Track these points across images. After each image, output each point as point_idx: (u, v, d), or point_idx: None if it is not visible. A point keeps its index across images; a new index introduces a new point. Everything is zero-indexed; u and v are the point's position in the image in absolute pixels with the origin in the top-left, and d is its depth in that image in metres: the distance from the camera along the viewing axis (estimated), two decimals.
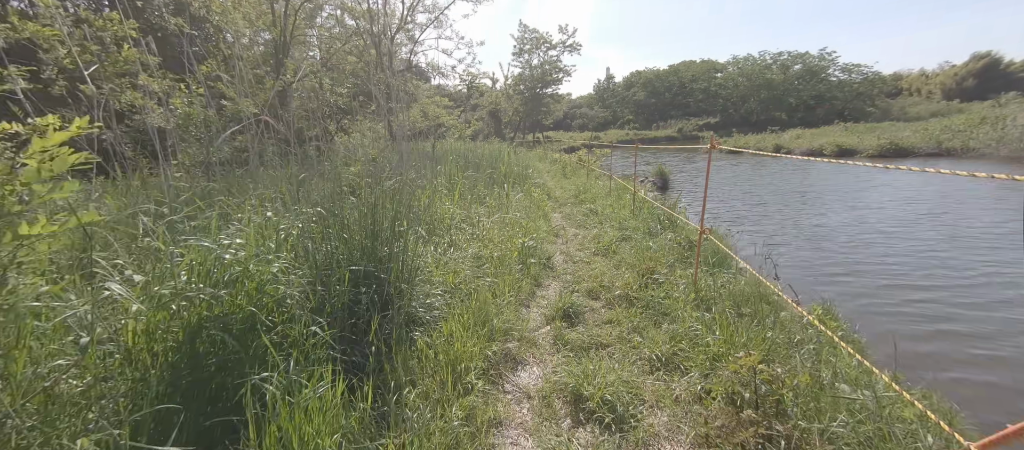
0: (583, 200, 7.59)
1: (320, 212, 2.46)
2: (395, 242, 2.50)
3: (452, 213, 4.10)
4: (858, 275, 5.30)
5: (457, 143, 16.90)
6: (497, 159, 8.43)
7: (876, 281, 5.13)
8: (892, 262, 5.85)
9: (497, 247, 3.88)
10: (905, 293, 4.73)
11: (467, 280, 3.08)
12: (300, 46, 16.35)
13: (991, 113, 21.35)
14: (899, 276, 5.25)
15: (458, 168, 6.67)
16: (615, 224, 5.32)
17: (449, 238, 3.79)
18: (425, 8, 14.94)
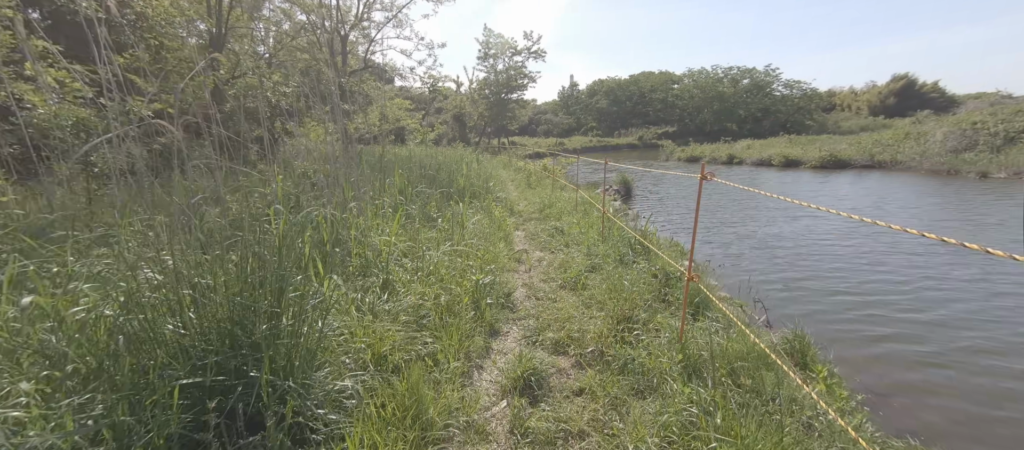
0: (548, 215, 7.00)
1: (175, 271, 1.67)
2: (284, 314, 1.73)
3: (392, 245, 3.34)
4: (815, 288, 5.32)
5: (417, 148, 15.92)
6: (456, 169, 7.68)
7: (827, 288, 5.30)
8: (839, 272, 5.95)
9: (446, 287, 3.17)
10: (860, 307, 4.76)
11: (400, 344, 2.34)
12: (242, 40, 14.81)
13: (913, 129, 23.11)
14: (851, 286, 5.38)
15: (409, 181, 5.87)
16: (583, 249, 4.74)
17: (385, 277, 3.03)
18: (383, 6, 13.93)
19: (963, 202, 12.12)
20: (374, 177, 5.56)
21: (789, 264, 6.37)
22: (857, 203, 12.65)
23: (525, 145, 40.30)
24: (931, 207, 11.85)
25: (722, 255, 7.08)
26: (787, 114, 43.40)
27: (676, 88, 49.75)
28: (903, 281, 5.49)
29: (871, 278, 5.62)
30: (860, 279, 5.57)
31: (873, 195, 13.97)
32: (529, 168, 13.09)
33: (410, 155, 12.23)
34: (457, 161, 11.01)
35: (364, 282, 2.97)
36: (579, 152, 39.29)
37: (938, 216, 10.54)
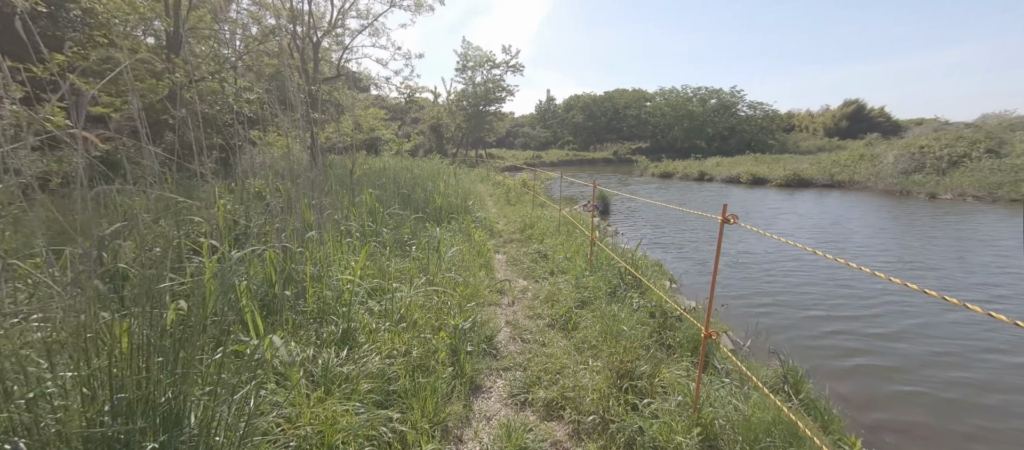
0: (531, 236, 6.60)
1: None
2: (190, 413, 1.22)
3: (357, 283, 2.82)
4: (789, 306, 5.53)
5: (392, 160, 15.27)
6: (433, 186, 7.17)
7: (801, 302, 5.59)
8: (809, 290, 6.16)
9: (420, 336, 2.68)
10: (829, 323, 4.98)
11: (358, 428, 1.83)
12: (206, 42, 13.85)
13: (867, 151, 24.43)
14: (820, 303, 5.65)
15: (382, 201, 5.33)
16: (571, 278, 4.35)
17: (346, 326, 2.51)
18: (358, 13, 13.34)
19: (915, 222, 12.76)
20: (342, 195, 5.00)
21: (762, 282, 6.50)
22: (820, 221, 13.09)
23: (503, 157, 40.10)
24: (888, 225, 12.40)
25: (697, 271, 7.18)
26: (751, 133, 45.30)
27: (648, 106, 51.11)
28: (867, 298, 5.78)
29: (840, 297, 5.83)
30: (830, 300, 5.75)
31: (834, 213, 14.49)
32: (508, 183, 12.73)
33: (384, 168, 11.61)
34: (434, 175, 10.49)
35: (320, 332, 2.43)
36: (556, 165, 39.38)
37: (895, 234, 10.99)
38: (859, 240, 10.21)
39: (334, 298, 2.64)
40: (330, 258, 3.03)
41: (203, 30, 13.01)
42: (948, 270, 7.59)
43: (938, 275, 7.32)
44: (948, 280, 7.00)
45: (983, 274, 7.25)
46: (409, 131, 35.76)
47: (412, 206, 5.89)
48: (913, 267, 7.88)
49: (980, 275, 7.20)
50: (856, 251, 9.27)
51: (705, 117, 46.86)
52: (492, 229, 6.96)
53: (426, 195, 6.34)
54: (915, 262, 8.31)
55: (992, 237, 10.32)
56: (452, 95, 33.49)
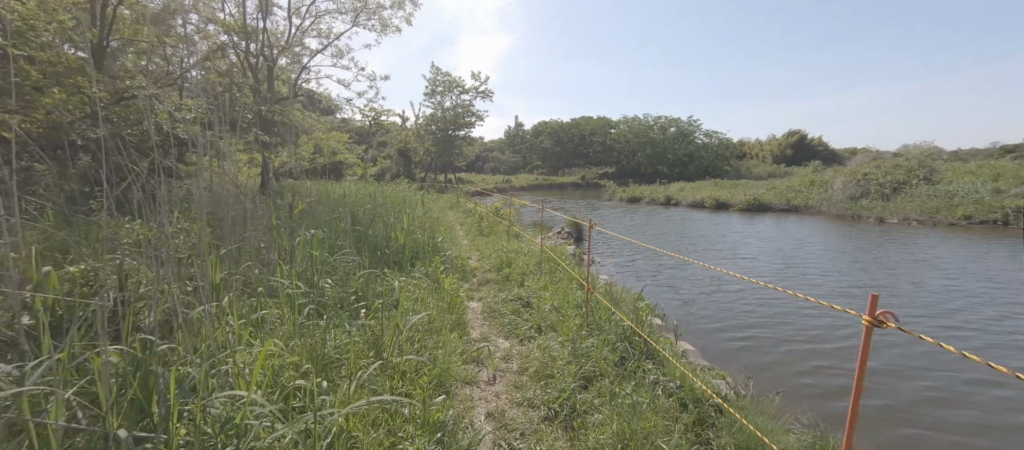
0: (509, 277, 5.72)
1: None
2: None
3: (252, 404, 1.81)
4: (766, 337, 5.53)
5: (356, 185, 14.05)
6: (396, 220, 6.15)
7: (778, 337, 5.52)
8: (781, 318, 6.16)
9: None
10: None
11: None
12: (144, 57, 12.32)
13: (816, 178, 25.74)
14: (796, 334, 5.65)
15: (330, 241, 4.28)
16: (564, 339, 3.49)
17: None
18: (318, 33, 12.34)
19: (871, 246, 13.15)
20: (279, 237, 3.93)
21: (736, 311, 6.55)
22: (783, 244, 13.20)
23: (473, 182, 39.35)
24: (847, 249, 12.78)
25: (674, 300, 7.19)
26: (709, 159, 47.35)
27: (613, 132, 52.56)
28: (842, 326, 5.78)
29: (813, 325, 5.87)
30: (801, 325, 5.82)
31: (795, 237, 14.80)
32: (480, 211, 11.86)
33: (344, 195, 10.44)
34: (399, 204, 9.45)
35: None
36: (526, 190, 38.89)
37: (856, 258, 11.12)
38: (824, 265, 10.39)
39: (217, 430, 1.62)
40: (227, 347, 2.00)
41: (137, 43, 11.54)
42: (912, 295, 7.77)
43: (904, 301, 7.44)
44: (913, 306, 7.04)
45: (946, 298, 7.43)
46: (376, 155, 34.37)
47: (369, 245, 4.87)
48: (885, 294, 7.76)
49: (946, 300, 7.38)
50: (826, 277, 9.20)
51: (666, 144, 48.64)
52: (465, 268, 6.01)
53: (387, 230, 5.34)
54: (885, 288, 8.23)
55: (939, 258, 10.68)
56: (420, 119, 32.66)
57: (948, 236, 14.87)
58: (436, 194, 21.73)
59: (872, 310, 1.21)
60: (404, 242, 5.02)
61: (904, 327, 1.25)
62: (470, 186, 36.90)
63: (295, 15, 12.16)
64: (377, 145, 37.29)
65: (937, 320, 6.31)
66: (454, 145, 32.19)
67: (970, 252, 11.72)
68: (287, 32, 12.69)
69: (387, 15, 11.58)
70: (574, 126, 54.00)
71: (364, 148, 37.89)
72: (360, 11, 11.38)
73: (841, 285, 8.59)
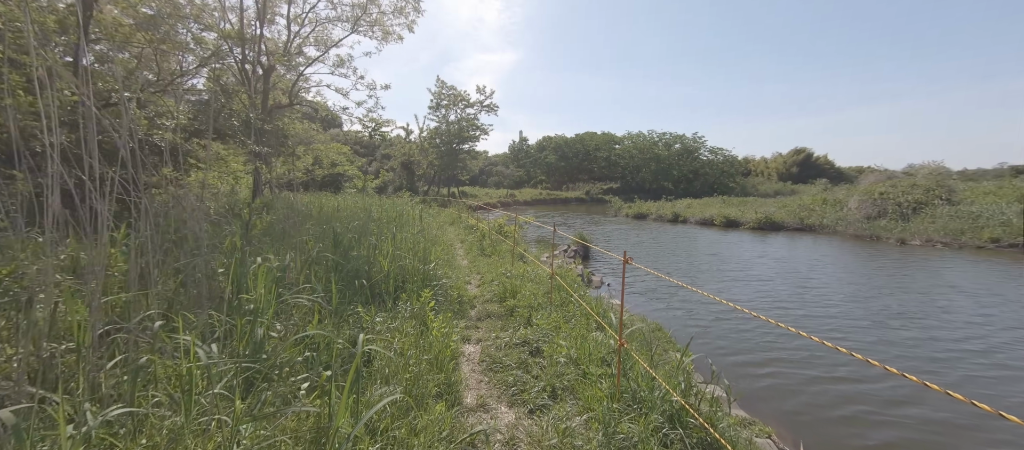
0: (513, 310, 4.82)
1: None
2: None
3: None
4: (790, 371, 5.18)
5: (352, 199, 13.27)
6: (385, 237, 5.30)
7: (805, 376, 5.07)
8: (804, 351, 5.74)
9: None
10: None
11: None
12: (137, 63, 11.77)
13: (830, 196, 24.76)
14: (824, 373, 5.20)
15: (310, 267, 3.41)
16: (589, 411, 2.58)
17: None
18: (317, 41, 11.73)
19: (895, 267, 12.21)
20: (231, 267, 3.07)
21: (756, 340, 6.25)
22: (799, 265, 12.37)
23: (476, 196, 38.66)
24: (870, 272, 11.90)
25: (691, 323, 6.98)
26: (714, 176, 46.51)
27: (618, 148, 51.96)
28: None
29: (841, 360, 5.39)
30: (830, 361, 5.36)
31: (812, 258, 13.90)
32: (482, 227, 11.01)
33: (337, 209, 9.64)
34: (394, 220, 8.63)
35: None
36: (530, 204, 38.11)
37: (880, 283, 10.19)
38: (848, 290, 9.54)
39: None
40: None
41: (134, 47, 10.96)
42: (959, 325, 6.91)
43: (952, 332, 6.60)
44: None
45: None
46: (378, 167, 33.83)
47: (347, 274, 4.00)
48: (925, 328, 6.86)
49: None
50: (854, 304, 8.34)
51: (671, 160, 47.94)
52: (462, 297, 5.12)
53: (371, 254, 4.48)
54: (923, 319, 7.37)
55: (981, 288, 9.64)
56: (425, 132, 32.16)
57: (976, 259, 13.86)
58: (437, 208, 20.95)
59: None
60: (389, 270, 4.16)
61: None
62: (474, 200, 36.20)
63: (294, 22, 11.60)
64: (381, 157, 36.81)
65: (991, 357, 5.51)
66: (458, 159, 31.58)
67: (1008, 277, 10.71)
68: (286, 40, 12.11)
69: (388, 22, 10.97)
70: (578, 141, 53.50)
71: (368, 160, 37.42)
72: (359, 19, 10.78)
73: (872, 313, 7.70)
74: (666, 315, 7.52)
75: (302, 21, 11.49)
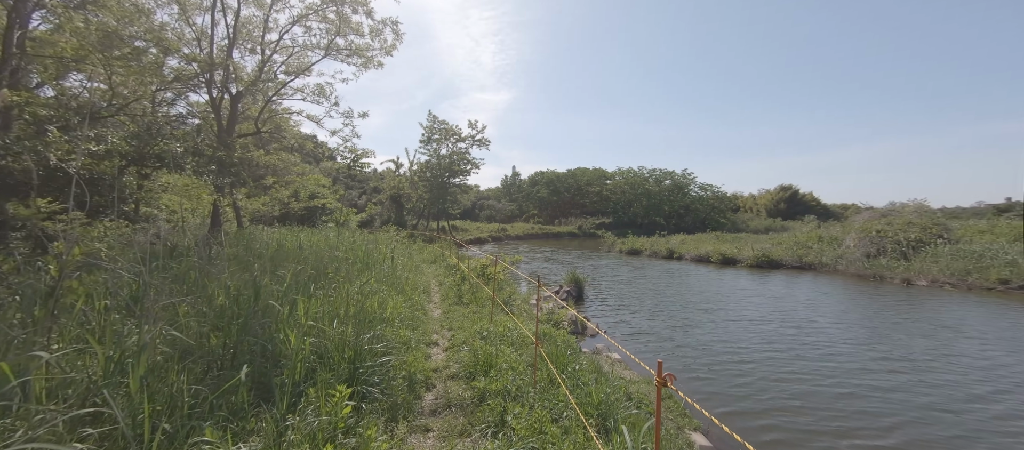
0: (484, 397, 3.47)
1: None
2: None
3: None
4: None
5: (320, 235, 11.93)
6: (290, 304, 3.96)
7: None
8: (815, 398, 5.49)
9: None
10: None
11: None
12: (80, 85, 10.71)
13: (825, 233, 24.01)
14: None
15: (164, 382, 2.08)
16: None
17: None
18: (289, 68, 10.78)
19: (910, 310, 11.16)
20: None
21: (763, 384, 6.00)
22: (812, 312, 11.11)
23: (467, 229, 37.43)
24: (888, 316, 10.84)
25: (702, 365, 6.78)
26: (704, 212, 46.13)
27: (609, 183, 51.73)
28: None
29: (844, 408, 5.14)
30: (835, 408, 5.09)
31: (821, 301, 12.80)
32: (463, 268, 9.68)
33: (299, 248, 8.29)
34: (364, 256, 7.30)
35: None
36: (522, 238, 36.78)
37: (907, 330, 8.96)
38: (889, 346, 8.24)
39: None
40: None
41: (89, 65, 9.85)
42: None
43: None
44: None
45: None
46: (366, 200, 32.66)
47: (222, 359, 2.65)
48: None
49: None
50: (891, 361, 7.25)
51: (662, 196, 47.64)
52: (413, 376, 3.74)
53: (279, 323, 3.14)
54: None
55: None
56: (415, 166, 31.33)
57: (984, 300, 12.82)
58: (422, 244, 19.59)
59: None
60: (298, 348, 2.81)
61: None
62: (465, 234, 34.89)
63: (267, 47, 10.71)
64: (371, 190, 35.72)
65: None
66: (448, 192, 30.61)
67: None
68: (258, 66, 11.19)
69: (364, 45, 10.11)
70: (570, 176, 53.28)
71: (359, 193, 36.28)
72: (331, 43, 9.92)
73: (908, 372, 6.56)
74: (670, 364, 6.88)
75: (275, 46, 10.61)
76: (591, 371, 4.69)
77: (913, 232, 19.88)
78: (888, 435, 4.60)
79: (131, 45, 10.07)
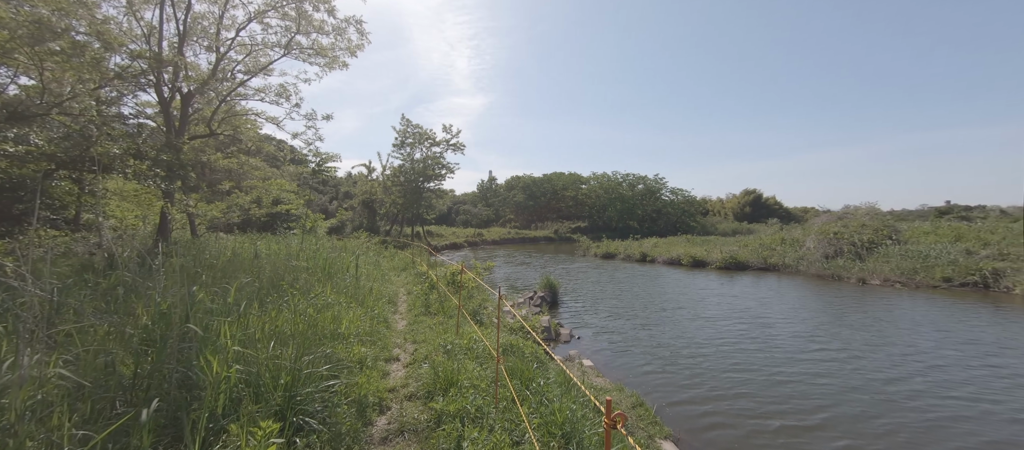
0: (441, 418, 3.21)
1: None
2: None
3: None
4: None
5: (280, 243, 11.29)
6: (212, 327, 3.59)
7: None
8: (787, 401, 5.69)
9: None
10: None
11: None
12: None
13: (788, 236, 25.05)
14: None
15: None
16: None
17: None
18: (246, 68, 10.13)
19: (867, 308, 11.74)
20: None
21: (710, 374, 6.49)
22: (787, 312, 11.38)
23: (443, 235, 36.83)
24: (852, 318, 11.22)
25: (659, 359, 7.13)
26: (676, 215, 47.40)
27: (584, 188, 52.38)
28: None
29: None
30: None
31: (785, 300, 13.31)
32: (433, 276, 9.35)
33: (255, 256, 7.75)
34: (322, 269, 6.86)
35: None
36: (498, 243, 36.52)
37: (878, 329, 9.34)
38: (849, 335, 8.90)
39: None
40: None
41: (15, 60, 8.99)
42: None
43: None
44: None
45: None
46: (337, 206, 31.56)
47: (131, 390, 2.29)
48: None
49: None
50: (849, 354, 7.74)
51: (635, 200, 48.64)
52: (364, 400, 3.44)
53: (204, 346, 2.77)
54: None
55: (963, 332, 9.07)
56: (387, 170, 30.57)
57: (933, 297, 13.66)
58: (394, 250, 19.01)
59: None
60: (223, 377, 2.47)
61: None
62: (440, 239, 34.27)
63: (221, 45, 10.07)
64: (342, 195, 34.56)
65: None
66: (423, 197, 30.00)
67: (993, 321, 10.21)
68: (213, 64, 10.50)
69: (326, 43, 9.67)
70: (546, 181, 53.59)
71: (329, 199, 35.00)
72: (290, 45, 9.43)
73: (879, 369, 6.93)
74: (636, 364, 7.09)
75: (231, 44, 9.98)
76: (559, 383, 4.52)
77: (866, 234, 21.01)
78: (813, 415, 5.22)
79: (69, 38, 9.24)
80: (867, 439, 4.70)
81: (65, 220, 11.04)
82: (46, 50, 8.98)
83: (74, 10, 9.28)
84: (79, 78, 9.46)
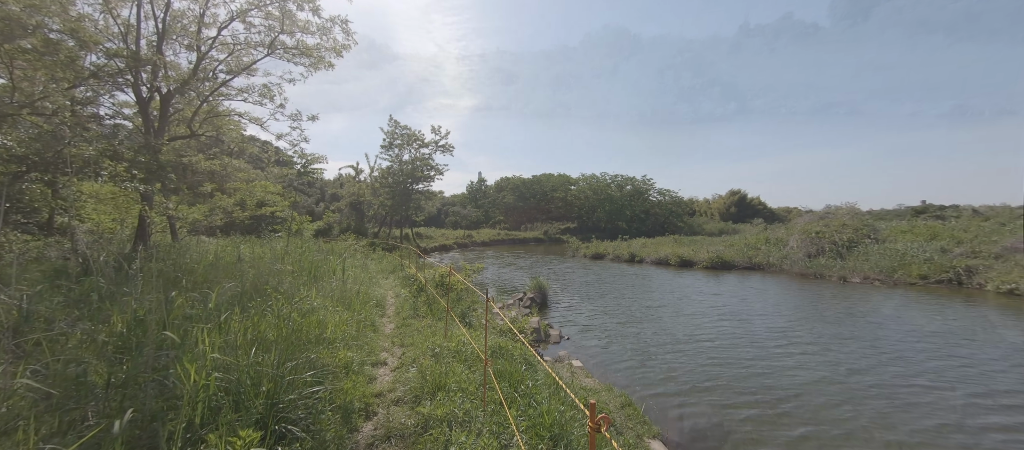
0: (428, 423, 3.18)
1: None
2: None
3: None
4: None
5: (265, 246, 11.08)
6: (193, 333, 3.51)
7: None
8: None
9: None
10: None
11: None
12: None
13: (772, 235, 25.59)
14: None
15: None
16: None
17: None
18: (228, 68, 9.90)
19: (851, 307, 12.00)
20: None
21: (687, 367, 6.77)
22: (771, 309, 11.73)
23: (432, 236, 36.59)
24: (837, 317, 11.51)
25: (641, 354, 7.33)
26: (663, 216, 48.01)
27: (573, 189, 52.68)
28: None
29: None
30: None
31: (779, 301, 13.46)
32: (421, 279, 9.28)
33: (237, 260, 7.57)
34: (307, 272, 6.74)
35: None
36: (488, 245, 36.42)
37: (864, 328, 9.63)
38: (824, 330, 9.14)
39: None
40: None
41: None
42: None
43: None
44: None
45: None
46: (324, 208, 31.09)
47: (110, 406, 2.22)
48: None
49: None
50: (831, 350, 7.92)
51: (623, 201, 49.11)
52: (349, 406, 3.39)
53: (184, 353, 2.69)
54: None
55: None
56: (375, 172, 30.25)
57: (909, 294, 14.12)
58: (382, 253, 18.81)
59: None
60: (202, 385, 2.41)
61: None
62: (429, 241, 34.05)
63: (203, 44, 9.83)
64: (329, 197, 34.08)
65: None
66: (412, 199, 29.78)
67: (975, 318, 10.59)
68: (194, 63, 10.24)
69: (311, 43, 9.53)
70: (536, 182, 53.74)
71: (316, 201, 34.47)
72: (274, 44, 9.26)
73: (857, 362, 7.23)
74: (624, 361, 7.24)
75: (212, 43, 9.76)
76: (548, 385, 4.52)
77: (847, 233, 21.60)
78: (780, 404, 5.54)
79: (41, 36, 8.91)
80: (830, 424, 5.01)
81: (37, 224, 10.63)
82: (16, 48, 8.65)
83: (46, 7, 8.96)
84: (52, 77, 9.14)
